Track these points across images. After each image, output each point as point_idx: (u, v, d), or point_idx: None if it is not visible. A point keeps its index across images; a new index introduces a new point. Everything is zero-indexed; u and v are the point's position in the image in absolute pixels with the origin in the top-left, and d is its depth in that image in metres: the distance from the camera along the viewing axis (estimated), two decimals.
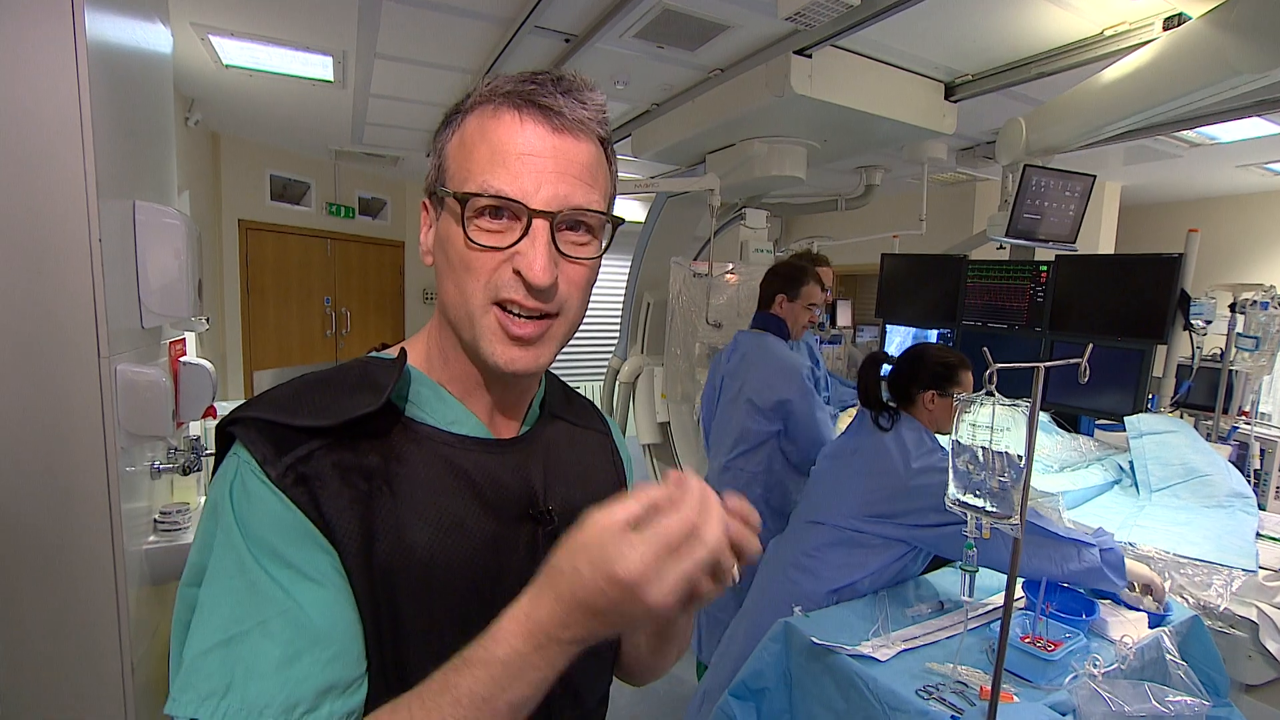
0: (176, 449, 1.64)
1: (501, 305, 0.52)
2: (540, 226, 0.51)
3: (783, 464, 2.19)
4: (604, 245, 0.56)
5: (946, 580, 1.67)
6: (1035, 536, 1.42)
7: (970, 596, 1.35)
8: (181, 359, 1.64)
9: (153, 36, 1.59)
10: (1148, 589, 1.49)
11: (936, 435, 1.65)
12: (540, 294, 0.52)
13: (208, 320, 2.73)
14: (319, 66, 2.91)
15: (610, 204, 0.57)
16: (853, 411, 2.93)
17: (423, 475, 0.53)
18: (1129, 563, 1.47)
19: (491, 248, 0.51)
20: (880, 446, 1.65)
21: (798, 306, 2.25)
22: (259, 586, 0.45)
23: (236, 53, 2.77)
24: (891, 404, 1.69)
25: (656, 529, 0.40)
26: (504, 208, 0.51)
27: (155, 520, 1.57)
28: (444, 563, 0.52)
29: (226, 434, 0.51)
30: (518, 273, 0.51)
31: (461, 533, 0.53)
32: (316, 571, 0.47)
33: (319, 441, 0.49)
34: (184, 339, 1.76)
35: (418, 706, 0.43)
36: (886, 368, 1.74)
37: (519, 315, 0.52)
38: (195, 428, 2.16)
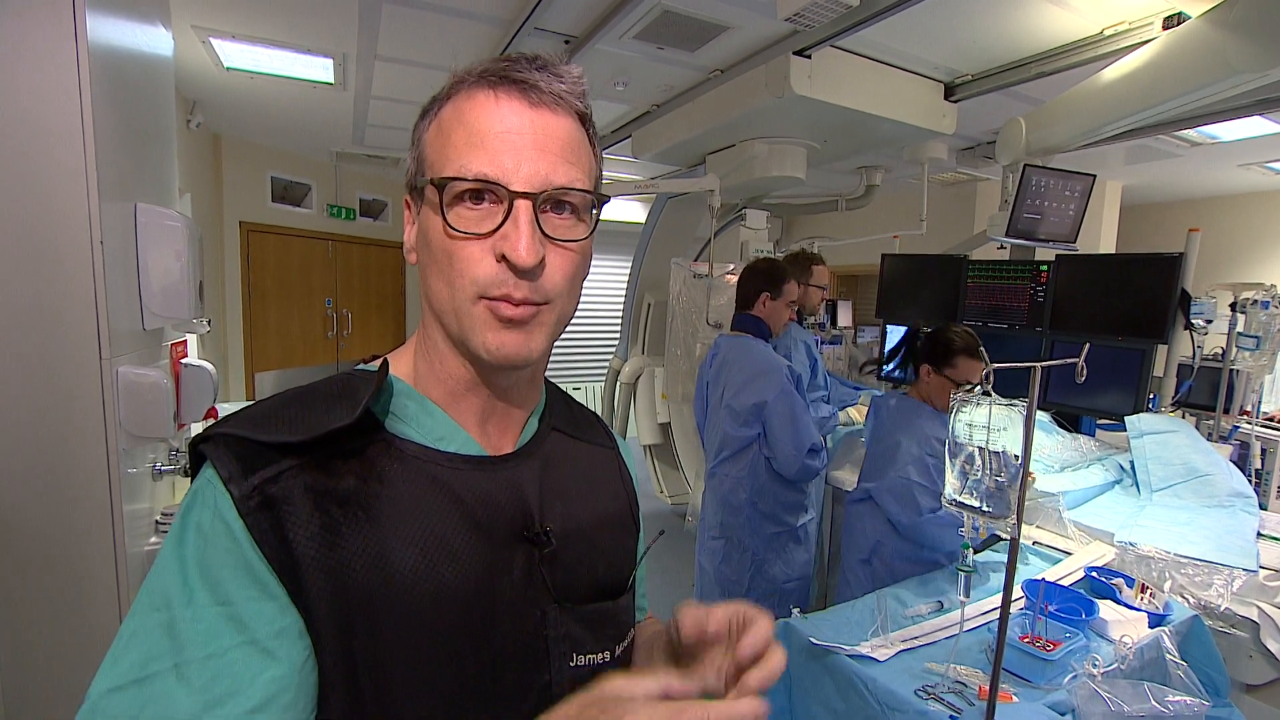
0: (178, 450, 1.64)
1: (489, 298, 0.50)
2: (523, 207, 0.49)
3: (767, 468, 2.13)
4: (592, 227, 0.53)
5: (944, 581, 1.67)
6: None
7: (967, 597, 1.35)
8: (183, 361, 1.65)
9: (154, 39, 1.60)
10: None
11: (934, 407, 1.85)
12: (527, 274, 0.49)
13: (209, 322, 2.73)
14: (320, 69, 2.92)
15: (595, 183, 0.54)
16: (853, 410, 2.94)
17: (406, 496, 0.49)
18: None
19: (473, 234, 0.49)
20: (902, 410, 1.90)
21: (780, 304, 2.23)
22: (180, 627, 0.42)
23: (237, 55, 2.78)
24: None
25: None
26: (484, 191, 0.49)
27: (156, 522, 1.58)
28: (430, 590, 0.48)
29: (198, 453, 0.48)
30: (503, 259, 0.49)
31: (450, 558, 0.49)
32: (253, 617, 0.43)
33: (291, 461, 0.46)
34: (185, 341, 1.77)
35: None
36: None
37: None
38: (196, 429, 2.16)
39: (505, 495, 0.54)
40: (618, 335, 4.57)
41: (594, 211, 0.54)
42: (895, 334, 3.53)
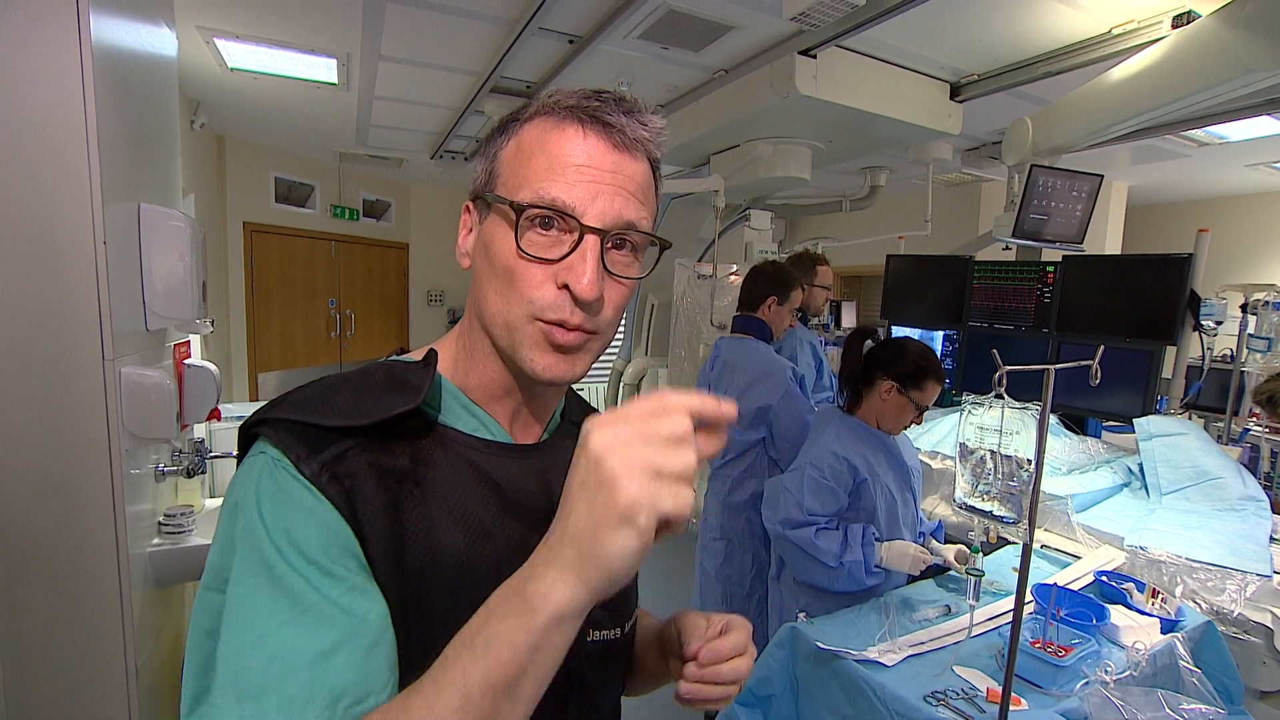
0: (181, 451, 1.63)
1: (544, 322, 0.53)
2: (591, 242, 0.51)
3: (770, 469, 2.12)
4: (648, 268, 0.57)
5: (953, 585, 1.65)
6: None
7: (976, 601, 1.34)
8: (186, 361, 1.64)
9: (157, 40, 1.59)
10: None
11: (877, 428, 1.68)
12: (587, 307, 0.52)
13: (212, 323, 2.73)
14: (323, 69, 2.92)
15: (654, 225, 0.58)
16: None
17: (449, 479, 0.53)
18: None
19: (542, 259, 0.51)
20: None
21: (785, 310, 2.24)
22: (288, 582, 0.45)
23: (241, 56, 2.78)
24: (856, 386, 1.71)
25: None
26: (555, 219, 0.51)
27: (159, 523, 1.57)
28: (473, 568, 0.51)
29: (251, 435, 0.50)
30: (565, 287, 0.51)
31: (489, 538, 0.53)
32: (344, 567, 0.46)
33: (352, 441, 0.50)
34: (188, 341, 1.76)
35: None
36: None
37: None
38: (200, 430, 2.16)
39: (533, 481, 0.58)
40: (621, 336, 4.56)
41: (652, 252, 0.57)
42: (900, 335, 3.51)
